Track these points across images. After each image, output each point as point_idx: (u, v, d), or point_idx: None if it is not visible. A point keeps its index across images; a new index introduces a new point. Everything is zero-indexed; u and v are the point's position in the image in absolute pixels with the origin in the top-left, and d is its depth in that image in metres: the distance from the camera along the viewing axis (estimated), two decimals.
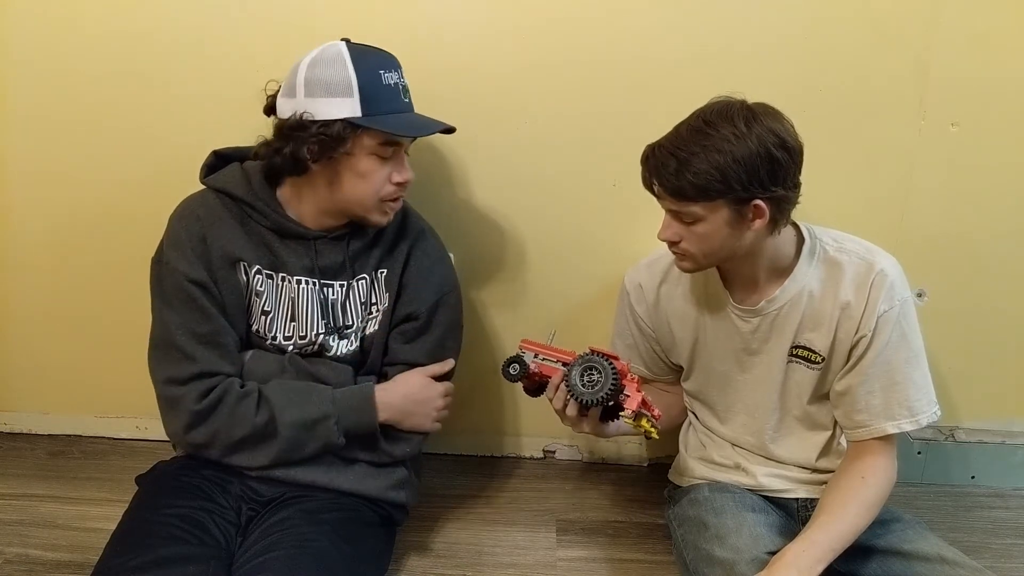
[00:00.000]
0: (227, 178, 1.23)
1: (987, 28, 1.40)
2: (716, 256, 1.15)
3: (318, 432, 1.20)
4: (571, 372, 1.14)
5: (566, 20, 1.43)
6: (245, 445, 1.19)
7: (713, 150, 1.05)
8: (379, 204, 1.21)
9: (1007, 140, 1.47)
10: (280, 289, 1.25)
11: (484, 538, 1.46)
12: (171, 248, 1.20)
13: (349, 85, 1.12)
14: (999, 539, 1.50)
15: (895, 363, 1.17)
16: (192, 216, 1.21)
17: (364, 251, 1.27)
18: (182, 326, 1.18)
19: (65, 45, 1.48)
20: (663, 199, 1.13)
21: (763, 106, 1.10)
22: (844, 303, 1.18)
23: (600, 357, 1.13)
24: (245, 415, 1.18)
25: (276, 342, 1.25)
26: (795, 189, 1.11)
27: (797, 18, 1.41)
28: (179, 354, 1.18)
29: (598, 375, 1.12)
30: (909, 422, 1.17)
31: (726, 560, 1.13)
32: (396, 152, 1.19)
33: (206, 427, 1.18)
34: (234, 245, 1.21)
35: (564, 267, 1.59)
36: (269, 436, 1.19)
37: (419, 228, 1.33)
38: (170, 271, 1.19)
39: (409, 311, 1.28)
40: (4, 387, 1.75)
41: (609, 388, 1.11)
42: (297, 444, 1.20)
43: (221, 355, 1.20)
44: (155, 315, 1.21)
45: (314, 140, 1.12)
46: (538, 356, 1.20)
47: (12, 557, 1.35)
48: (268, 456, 1.20)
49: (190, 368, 1.17)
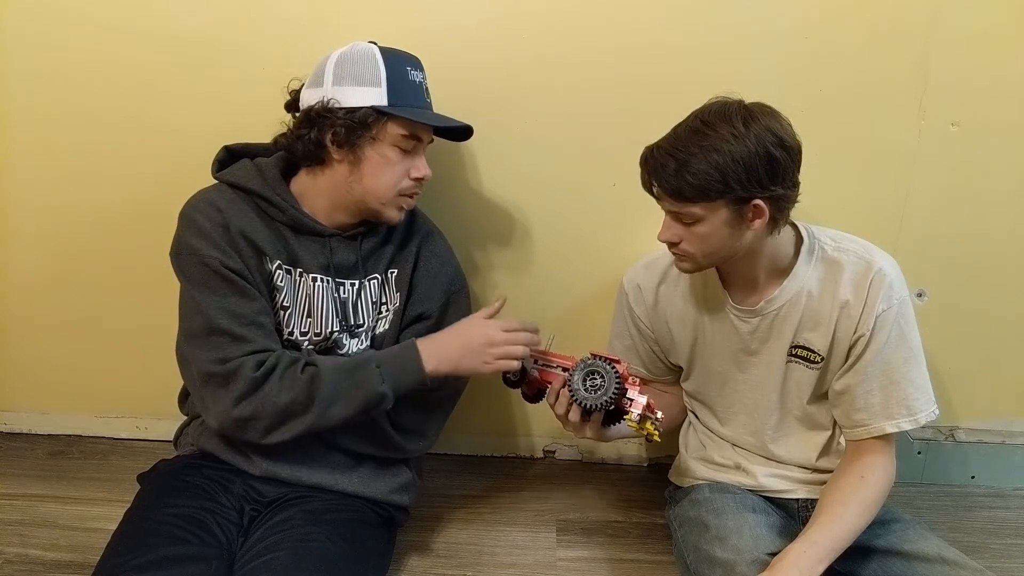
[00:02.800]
0: (241, 173, 1.23)
1: (987, 28, 1.40)
2: (716, 256, 1.15)
3: (359, 375, 1.15)
4: (573, 377, 1.14)
5: (566, 20, 1.43)
6: (288, 413, 1.13)
7: (712, 150, 1.05)
8: (396, 198, 1.22)
9: (1007, 140, 1.47)
10: (298, 285, 1.24)
11: (484, 538, 1.46)
12: (196, 238, 1.16)
13: (378, 76, 1.16)
14: (999, 539, 1.50)
15: (894, 362, 1.17)
16: (211, 207, 1.19)
17: (376, 251, 1.28)
18: (224, 309, 1.14)
19: (67, 44, 1.48)
20: (662, 200, 1.13)
21: (760, 106, 1.10)
22: (843, 302, 1.18)
23: (602, 361, 1.13)
24: (293, 376, 1.13)
25: (292, 338, 1.24)
26: (794, 188, 1.11)
27: (797, 18, 1.41)
28: (226, 337, 1.14)
29: (601, 379, 1.13)
30: (908, 421, 1.17)
31: (727, 561, 1.13)
32: (417, 147, 1.22)
33: (257, 397, 1.13)
34: (256, 235, 1.20)
35: (564, 267, 1.59)
36: (312, 388, 1.13)
37: (427, 228, 1.34)
38: (199, 259, 1.15)
39: (420, 311, 1.29)
40: (4, 387, 1.75)
41: (612, 392, 1.11)
42: (339, 390, 1.14)
43: (267, 334, 1.17)
44: (189, 305, 1.16)
45: (341, 124, 1.15)
46: (538, 362, 1.20)
47: (12, 557, 1.35)
48: (307, 420, 1.14)
49: (242, 347, 1.14)
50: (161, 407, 1.21)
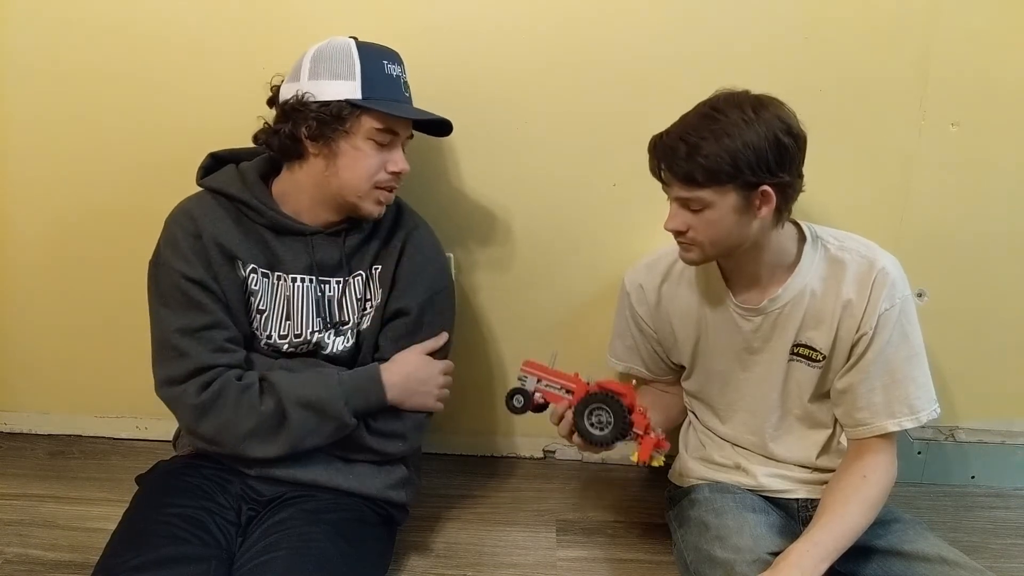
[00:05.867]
0: (222, 178, 1.24)
1: (987, 28, 1.40)
2: (723, 245, 1.15)
3: (328, 413, 1.19)
4: (577, 412, 1.14)
5: (566, 20, 1.43)
6: (256, 436, 1.18)
7: (723, 134, 1.06)
8: (372, 191, 1.21)
9: (1007, 140, 1.47)
10: (276, 288, 1.25)
11: (484, 538, 1.46)
12: (167, 248, 1.20)
13: (352, 69, 1.16)
14: (999, 539, 1.50)
15: (896, 361, 1.17)
16: (187, 216, 1.21)
17: (360, 247, 1.28)
18: (177, 325, 1.18)
19: (66, 44, 1.48)
20: (671, 186, 1.13)
21: (767, 96, 1.11)
22: (846, 301, 1.18)
23: (609, 396, 1.13)
24: (251, 405, 1.17)
25: (271, 341, 1.25)
26: (799, 178, 1.12)
27: (797, 18, 1.41)
28: (174, 352, 1.18)
29: (607, 415, 1.13)
30: (910, 420, 1.17)
31: (727, 561, 1.13)
32: (393, 142, 1.21)
33: (210, 421, 1.17)
34: (230, 242, 1.21)
35: (564, 267, 1.58)
36: (279, 423, 1.17)
37: (413, 224, 1.33)
38: (166, 271, 1.19)
39: (400, 306, 1.28)
40: (4, 387, 1.75)
41: (619, 431, 1.12)
42: (308, 428, 1.18)
43: (215, 349, 1.19)
44: (152, 317, 1.21)
45: (313, 118, 1.15)
46: (541, 381, 1.19)
47: (12, 557, 1.35)
48: (281, 445, 1.18)
49: (185, 365, 1.17)
50: (161, 407, 1.21)
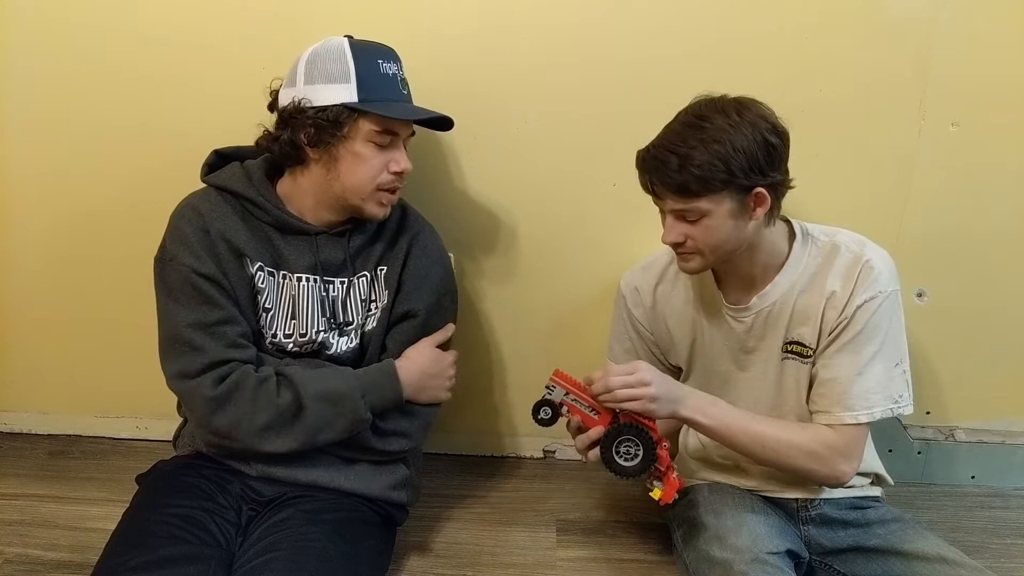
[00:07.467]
0: (227, 176, 1.24)
1: (987, 28, 1.40)
2: (722, 250, 1.15)
3: (345, 406, 1.19)
4: (607, 440, 1.14)
5: (566, 20, 1.43)
6: (271, 429, 1.17)
7: (712, 141, 1.06)
8: (375, 193, 1.21)
9: (1007, 140, 1.47)
10: (281, 287, 1.25)
11: (484, 538, 1.46)
12: (176, 244, 1.19)
13: (347, 72, 1.15)
14: (999, 539, 1.50)
15: (864, 354, 1.15)
16: (194, 211, 1.21)
17: (365, 248, 1.28)
18: (188, 320, 1.17)
19: (66, 45, 1.48)
20: (665, 199, 1.13)
21: (746, 97, 1.12)
22: (830, 293, 1.18)
23: (641, 431, 1.13)
24: (268, 398, 1.16)
25: (276, 340, 1.25)
26: (787, 174, 1.13)
27: (797, 18, 1.41)
28: (187, 347, 1.17)
29: (635, 447, 1.14)
30: (866, 414, 1.15)
31: (725, 560, 1.13)
32: (394, 142, 1.21)
33: (226, 414, 1.16)
34: (237, 238, 1.21)
35: (564, 267, 1.58)
36: (295, 416, 1.17)
37: (418, 226, 1.33)
38: (175, 267, 1.18)
39: (407, 308, 1.28)
40: (4, 387, 1.75)
41: (645, 466, 1.14)
42: (324, 421, 1.18)
43: (229, 344, 1.18)
44: (161, 313, 1.20)
45: (311, 124, 1.15)
46: (568, 395, 1.19)
47: (12, 557, 1.35)
48: (295, 438, 1.18)
49: (199, 360, 1.16)
50: (161, 407, 1.21)
